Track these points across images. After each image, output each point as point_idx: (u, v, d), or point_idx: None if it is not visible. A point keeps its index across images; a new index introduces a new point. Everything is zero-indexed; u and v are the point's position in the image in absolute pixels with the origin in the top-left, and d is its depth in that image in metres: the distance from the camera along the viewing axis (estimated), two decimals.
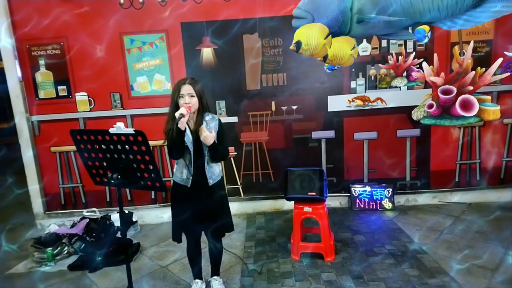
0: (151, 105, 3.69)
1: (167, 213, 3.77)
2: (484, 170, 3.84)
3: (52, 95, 3.66)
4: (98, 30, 3.52)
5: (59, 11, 3.47)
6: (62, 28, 3.51)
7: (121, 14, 3.51)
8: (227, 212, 2.31)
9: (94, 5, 3.48)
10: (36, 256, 3.09)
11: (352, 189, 3.83)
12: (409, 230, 3.23)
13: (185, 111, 1.96)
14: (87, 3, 3.48)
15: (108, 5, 3.49)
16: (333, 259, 2.77)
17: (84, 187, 3.84)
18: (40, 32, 3.51)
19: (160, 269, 2.86)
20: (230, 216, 2.34)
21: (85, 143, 1.75)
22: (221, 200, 2.27)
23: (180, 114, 1.93)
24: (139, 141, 1.63)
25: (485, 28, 3.56)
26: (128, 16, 3.51)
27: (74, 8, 3.48)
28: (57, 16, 3.48)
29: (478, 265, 2.59)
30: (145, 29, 3.55)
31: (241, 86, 3.72)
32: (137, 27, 3.54)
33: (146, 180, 1.75)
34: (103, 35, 3.54)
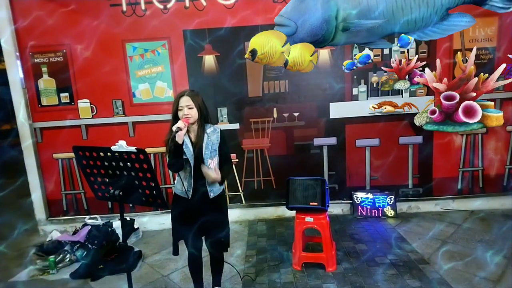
0: (153, 112, 3.69)
1: (168, 219, 3.74)
2: (487, 177, 3.83)
3: (54, 102, 3.67)
4: (100, 38, 3.53)
5: (62, 19, 3.49)
6: (65, 36, 3.52)
7: (124, 22, 3.51)
8: (227, 227, 2.29)
9: (96, 13, 3.49)
10: (39, 263, 3.10)
11: (354, 196, 3.82)
12: (411, 239, 3.22)
13: (182, 124, 1.96)
14: (89, 11, 3.48)
15: (110, 12, 3.49)
16: (334, 269, 2.77)
17: (86, 194, 3.85)
18: (43, 39, 3.52)
19: (161, 278, 2.87)
20: (227, 233, 2.30)
21: (87, 159, 1.75)
22: (221, 214, 2.26)
23: (177, 127, 1.93)
24: (140, 159, 1.63)
25: (488, 35, 3.54)
26: (130, 23, 3.52)
27: (77, 16, 3.49)
28: (60, 24, 3.49)
29: (481, 277, 2.58)
30: (147, 37, 3.55)
31: (243, 93, 3.71)
32: (139, 34, 3.54)
33: (148, 196, 1.75)
34: (105, 43, 3.54)
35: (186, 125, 2.00)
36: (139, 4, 3.50)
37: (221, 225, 2.25)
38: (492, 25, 3.52)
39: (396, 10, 2.96)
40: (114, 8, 3.49)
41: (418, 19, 2.97)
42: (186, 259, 2.44)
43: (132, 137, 3.71)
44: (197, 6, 3.51)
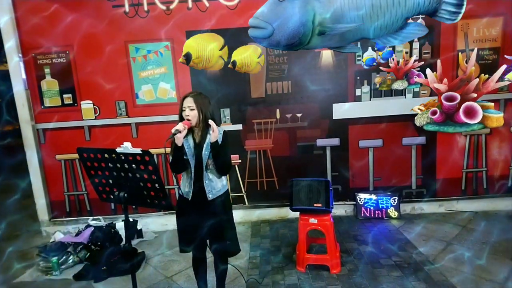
0: (155, 113, 3.69)
1: (171, 221, 3.77)
2: (491, 178, 3.81)
3: (57, 103, 3.67)
4: (103, 39, 3.53)
5: (65, 21, 3.48)
6: (68, 37, 3.52)
7: (127, 23, 3.51)
8: (230, 232, 2.21)
9: (99, 14, 3.49)
10: (42, 265, 3.10)
11: (357, 197, 3.81)
12: (415, 240, 3.20)
13: (181, 127, 1.95)
14: (92, 12, 3.48)
15: (113, 14, 3.49)
16: (339, 271, 2.76)
17: (89, 195, 3.85)
18: (46, 41, 3.52)
19: (164, 280, 2.86)
20: (235, 237, 2.24)
21: (92, 161, 1.75)
22: (223, 216, 2.18)
23: (175, 130, 1.92)
24: (146, 160, 1.62)
25: (492, 35, 3.53)
26: (133, 25, 3.52)
27: (80, 18, 3.49)
28: (63, 26, 3.49)
29: (486, 279, 2.56)
30: (150, 38, 3.55)
31: (246, 94, 3.71)
32: (142, 35, 3.54)
33: (153, 198, 1.74)
34: (108, 44, 3.54)
35: (185, 128, 1.99)
36: (142, 5, 3.49)
37: (223, 228, 2.18)
38: (496, 25, 3.51)
39: (365, 17, 3.14)
40: (117, 9, 3.49)
41: (383, 26, 3.18)
42: (189, 260, 2.43)
43: (135, 138, 3.71)
44: (200, 7, 3.50)
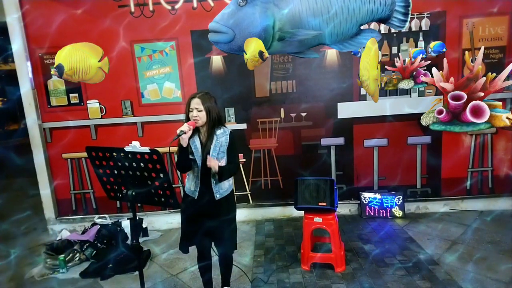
0: (161, 112, 3.71)
1: (176, 219, 3.79)
2: (496, 177, 3.79)
3: (64, 102, 3.70)
4: (109, 39, 3.55)
5: (71, 20, 3.51)
6: (74, 37, 3.54)
7: (132, 23, 3.53)
8: (231, 232, 2.27)
9: (105, 14, 3.51)
10: (49, 262, 3.13)
11: (362, 196, 3.81)
12: (420, 240, 3.20)
13: (186, 128, 1.97)
14: (98, 12, 3.51)
15: (118, 14, 3.52)
16: (343, 269, 2.77)
17: (95, 193, 3.88)
18: (52, 40, 3.55)
19: (170, 278, 2.88)
20: (235, 236, 2.30)
21: (100, 160, 1.77)
22: (228, 216, 2.22)
23: (180, 131, 1.95)
24: (154, 159, 1.64)
25: (498, 34, 3.51)
26: (138, 24, 3.54)
27: (85, 17, 3.51)
28: (69, 25, 3.52)
29: (491, 278, 2.56)
30: (155, 37, 3.57)
31: (250, 93, 3.72)
32: (147, 35, 3.56)
33: (160, 196, 1.76)
34: (113, 44, 3.56)
35: (191, 128, 2.00)
36: (147, 5, 3.51)
37: (227, 226, 2.24)
38: (502, 24, 3.49)
39: (322, 24, 3.26)
40: (122, 9, 3.52)
41: (339, 33, 3.33)
42: (194, 258, 2.45)
43: (141, 137, 3.74)
44: (204, 7, 3.51)
